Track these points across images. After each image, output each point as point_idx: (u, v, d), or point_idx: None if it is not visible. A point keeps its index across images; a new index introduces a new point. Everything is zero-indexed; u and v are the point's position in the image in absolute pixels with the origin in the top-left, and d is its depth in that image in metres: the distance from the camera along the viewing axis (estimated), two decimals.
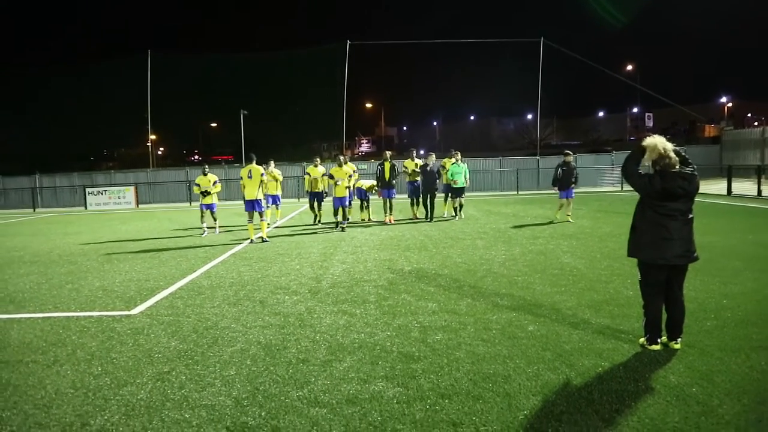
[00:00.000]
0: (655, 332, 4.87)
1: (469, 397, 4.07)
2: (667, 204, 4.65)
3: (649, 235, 4.75)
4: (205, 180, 14.10)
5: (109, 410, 4.08)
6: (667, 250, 4.67)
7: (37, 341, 5.77)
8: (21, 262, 11.08)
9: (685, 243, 4.70)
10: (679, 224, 4.68)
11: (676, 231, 4.66)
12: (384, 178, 15.33)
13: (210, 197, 14.06)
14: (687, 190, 4.63)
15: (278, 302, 6.99)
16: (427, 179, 15.25)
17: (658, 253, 4.70)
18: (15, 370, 4.97)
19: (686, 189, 4.63)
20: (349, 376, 4.55)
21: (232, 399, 4.19)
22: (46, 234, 16.48)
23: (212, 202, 14.17)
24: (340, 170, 14.21)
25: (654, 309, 4.85)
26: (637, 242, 4.86)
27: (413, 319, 6.05)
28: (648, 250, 4.76)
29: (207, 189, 13.97)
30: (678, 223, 4.67)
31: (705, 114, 58.37)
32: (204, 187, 14.05)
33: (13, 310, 7.12)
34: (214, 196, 14.19)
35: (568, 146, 60.32)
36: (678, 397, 3.96)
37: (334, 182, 14.03)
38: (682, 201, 4.68)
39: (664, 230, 4.67)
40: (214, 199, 14.19)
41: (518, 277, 7.96)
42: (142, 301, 7.30)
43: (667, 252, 4.67)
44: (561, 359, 4.74)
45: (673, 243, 4.66)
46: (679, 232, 4.67)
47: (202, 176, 14.23)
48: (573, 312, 6.11)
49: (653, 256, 4.73)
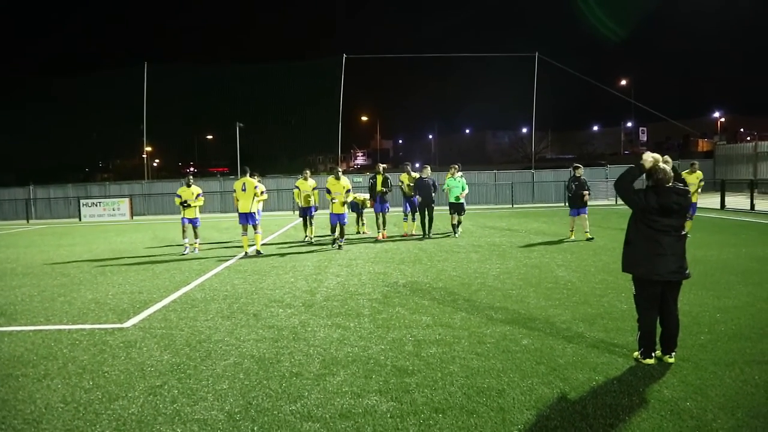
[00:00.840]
0: (650, 346, 4.87)
1: (463, 412, 4.05)
2: (661, 219, 4.68)
3: (642, 251, 4.78)
4: (188, 192, 13.17)
5: (100, 425, 4.03)
6: (660, 266, 4.70)
7: (28, 354, 5.71)
8: (13, 274, 11.00)
9: (678, 259, 4.73)
10: (673, 240, 4.71)
11: (669, 247, 4.69)
12: (375, 191, 14.56)
13: (192, 210, 13.10)
14: (682, 205, 4.68)
15: (272, 315, 6.96)
16: (423, 193, 14.35)
17: (652, 268, 4.72)
18: (4, 384, 4.91)
19: (681, 204, 4.67)
20: (342, 390, 4.52)
21: (224, 413, 4.15)
22: (39, 246, 16.38)
23: (196, 216, 13.24)
24: (337, 183, 13.02)
25: (648, 323, 4.85)
26: (631, 257, 4.88)
27: (407, 332, 6.03)
28: (642, 266, 4.79)
29: (188, 201, 13.02)
30: (671, 239, 4.70)
31: (698, 128, 58.93)
32: (185, 198, 13.12)
33: (4, 323, 7.06)
34: (197, 210, 13.25)
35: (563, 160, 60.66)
36: (672, 411, 3.95)
37: (331, 198, 13.00)
38: (675, 217, 4.72)
39: (658, 246, 4.69)
40: (197, 213, 13.27)
41: (513, 290, 7.96)
42: (135, 314, 7.25)
43: (661, 268, 4.70)
44: (555, 373, 4.73)
45: (667, 259, 4.69)
46: (673, 248, 4.70)
47: (185, 187, 13.29)
48: (567, 326, 6.10)
49: (647, 271, 4.75)
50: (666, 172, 4.69)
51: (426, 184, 14.40)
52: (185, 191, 13.14)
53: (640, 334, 4.91)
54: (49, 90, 41.79)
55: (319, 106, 37.45)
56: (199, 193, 13.27)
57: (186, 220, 13.22)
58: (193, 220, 13.21)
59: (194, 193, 13.12)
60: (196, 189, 13.24)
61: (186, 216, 13.17)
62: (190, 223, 13.23)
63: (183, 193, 13.13)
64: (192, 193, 13.10)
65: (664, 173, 4.69)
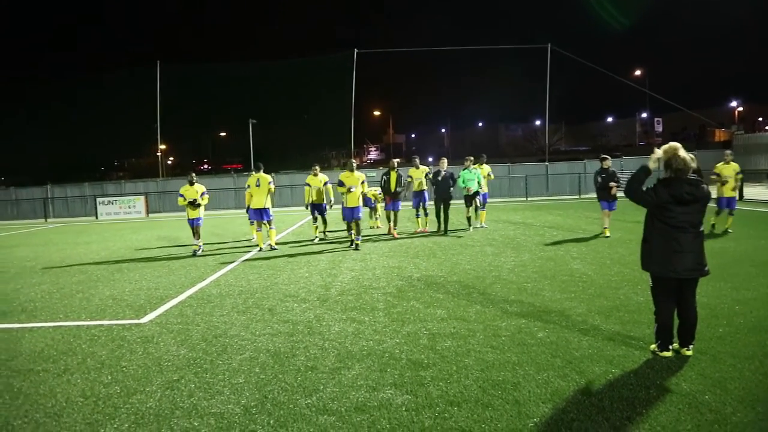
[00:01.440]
0: (667, 339, 4.82)
1: (478, 405, 4.04)
2: (676, 212, 4.60)
3: (660, 248, 4.72)
4: (192, 190, 12.45)
5: (119, 419, 4.09)
6: (678, 263, 4.64)
7: (48, 350, 5.81)
8: (33, 271, 11.18)
9: (696, 256, 4.66)
10: (690, 237, 4.64)
11: (687, 244, 4.62)
12: (389, 189, 13.61)
13: (197, 210, 12.44)
14: (695, 195, 4.58)
15: (287, 310, 7.00)
16: (439, 188, 13.61)
17: (670, 266, 4.66)
18: (26, 379, 5.00)
19: (694, 194, 4.58)
20: (357, 383, 4.54)
21: (240, 407, 4.19)
22: (57, 244, 16.62)
23: (199, 216, 12.51)
24: (351, 176, 12.19)
25: (665, 315, 4.80)
26: (649, 255, 4.82)
27: (422, 326, 6.03)
28: (659, 264, 4.73)
29: (195, 200, 12.35)
30: (689, 236, 4.63)
31: (715, 118, 58.05)
32: (190, 198, 12.41)
33: (25, 320, 7.18)
34: (201, 209, 12.58)
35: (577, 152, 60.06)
36: (690, 404, 3.91)
37: (346, 190, 12.08)
38: (693, 212, 4.63)
39: (675, 243, 4.63)
40: (200, 213, 12.56)
41: (527, 283, 7.92)
42: (151, 310, 7.33)
43: (678, 265, 4.64)
44: (571, 366, 4.70)
45: (684, 256, 4.62)
46: (690, 245, 4.63)
47: (188, 186, 12.54)
48: (583, 318, 6.06)
49: (664, 269, 4.70)
50: (685, 161, 4.61)
51: (443, 179, 13.66)
52: (188, 190, 12.49)
53: (656, 326, 4.86)
54: (65, 91, 42.28)
55: (331, 101, 37.55)
56: (204, 191, 12.62)
57: (191, 222, 12.60)
58: (195, 219, 12.53)
59: (198, 191, 12.46)
60: (199, 187, 12.60)
61: (191, 216, 12.53)
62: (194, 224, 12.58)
63: (186, 192, 12.47)
64: (196, 191, 12.45)
65: (683, 163, 4.61)
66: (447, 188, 13.63)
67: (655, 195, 4.66)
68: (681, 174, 4.62)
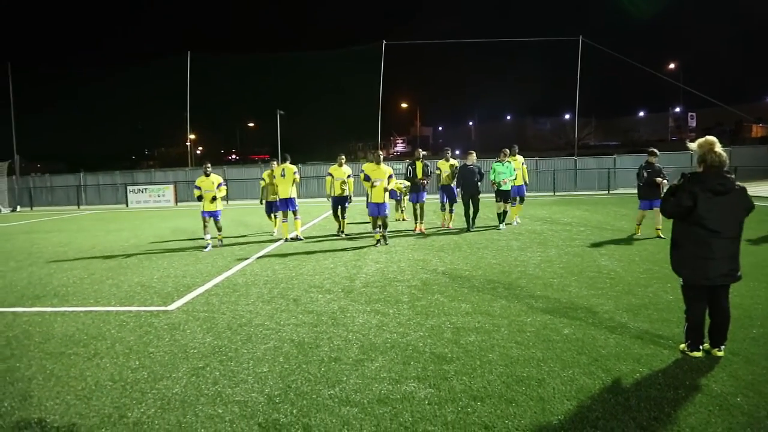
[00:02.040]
0: (697, 338, 4.70)
1: (501, 400, 4.00)
2: (710, 213, 4.42)
3: (691, 254, 4.58)
4: (208, 182, 11.78)
5: (146, 403, 4.17)
6: (710, 270, 4.50)
7: (79, 334, 5.95)
8: (66, 257, 11.46)
9: (730, 262, 4.51)
10: (724, 243, 4.47)
11: (720, 250, 4.47)
12: (415, 179, 13.20)
13: (215, 203, 11.76)
14: (726, 186, 4.41)
15: (312, 300, 7.04)
16: (467, 181, 12.95)
17: (701, 273, 4.54)
18: (58, 362, 5.13)
19: (725, 185, 4.40)
20: (380, 375, 4.54)
21: (264, 396, 4.23)
22: (89, 230, 17.01)
23: (217, 209, 11.85)
24: (378, 169, 11.40)
25: (696, 314, 4.68)
26: (680, 259, 4.69)
27: (446, 319, 6.00)
28: (691, 269, 4.60)
29: (210, 192, 11.68)
30: (724, 242, 4.47)
31: (752, 113, 56.33)
32: (206, 190, 11.76)
33: (57, 304, 7.36)
34: (219, 202, 11.95)
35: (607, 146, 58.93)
36: (721, 406, 3.81)
37: (371, 184, 11.36)
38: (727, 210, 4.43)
39: (708, 249, 4.48)
40: (219, 205, 11.91)
41: (554, 279, 7.81)
42: (179, 297, 7.45)
43: (710, 272, 4.51)
44: (597, 364, 4.63)
45: (717, 263, 4.48)
46: (723, 251, 4.48)
47: (204, 177, 11.87)
48: (610, 316, 5.96)
49: (696, 275, 4.57)
50: (721, 157, 4.46)
51: (470, 172, 12.98)
52: (204, 181, 11.78)
53: (687, 325, 4.74)
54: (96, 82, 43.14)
55: (359, 93, 37.53)
56: (221, 182, 11.98)
57: (206, 214, 11.87)
58: (213, 213, 11.87)
59: (214, 182, 11.80)
60: (216, 178, 11.95)
61: (206, 209, 11.81)
62: (210, 217, 11.87)
63: (202, 184, 11.77)
64: (212, 182, 11.77)
65: (719, 158, 4.45)
66: (474, 183, 12.96)
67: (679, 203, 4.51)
68: (716, 170, 4.47)
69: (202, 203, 11.90)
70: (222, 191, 11.98)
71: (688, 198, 4.47)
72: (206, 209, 11.86)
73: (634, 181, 12.35)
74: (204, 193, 11.71)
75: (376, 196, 11.33)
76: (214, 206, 11.81)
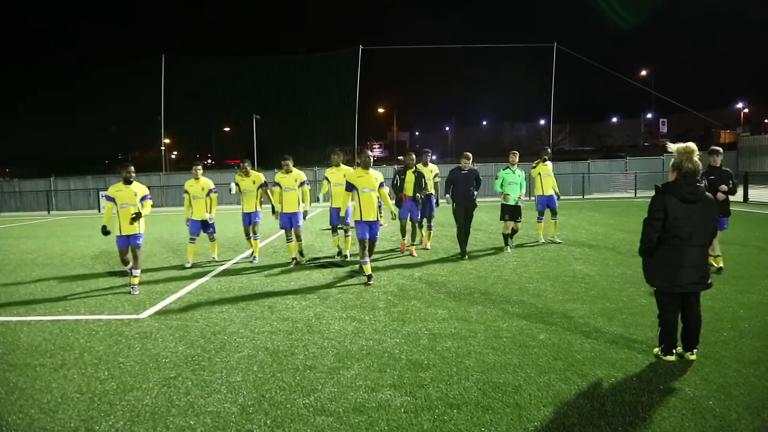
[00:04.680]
0: (671, 343, 4.75)
1: (478, 408, 3.98)
2: (683, 221, 4.47)
3: (663, 262, 4.61)
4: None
5: (114, 416, 4.05)
6: (681, 278, 4.56)
7: (46, 344, 5.77)
8: (34, 264, 11.15)
9: (700, 269, 4.58)
10: (695, 250, 4.54)
11: (690, 258, 4.53)
12: (401, 191, 10.29)
13: (135, 224, 8.47)
14: (696, 194, 4.47)
15: (287, 308, 6.95)
16: (459, 190, 10.07)
17: (674, 281, 4.58)
18: (22, 374, 4.96)
19: (696, 194, 4.47)
20: (356, 383, 4.48)
21: (237, 406, 4.14)
22: (59, 236, 16.61)
23: (138, 232, 8.61)
24: (365, 175, 8.27)
25: (670, 319, 4.73)
26: (653, 269, 4.71)
27: (423, 326, 5.98)
28: (663, 279, 4.63)
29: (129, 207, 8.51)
30: (693, 250, 4.53)
31: (721, 120, 57.78)
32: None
33: (24, 313, 7.14)
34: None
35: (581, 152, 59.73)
36: (694, 410, 3.85)
37: (356, 194, 8.23)
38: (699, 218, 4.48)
39: (679, 257, 4.53)
40: (140, 228, 8.60)
41: (529, 284, 7.85)
42: (151, 305, 7.29)
43: (681, 280, 4.56)
44: (573, 369, 4.64)
45: (687, 270, 4.54)
46: (694, 260, 4.54)
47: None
48: (585, 320, 5.99)
49: (669, 284, 4.61)
50: (697, 165, 4.51)
51: (464, 178, 10.08)
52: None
53: (660, 330, 4.79)
54: (69, 84, 42.28)
55: (335, 97, 37.44)
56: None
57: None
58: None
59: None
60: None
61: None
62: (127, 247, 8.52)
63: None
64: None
65: (695, 166, 4.50)
66: (468, 192, 10.05)
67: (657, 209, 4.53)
68: (690, 178, 4.51)
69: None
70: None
71: (659, 211, 4.52)
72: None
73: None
74: (120, 208, 8.51)
75: (366, 213, 8.22)
76: (134, 228, 8.44)
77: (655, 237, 4.59)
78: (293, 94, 40.58)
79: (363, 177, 8.27)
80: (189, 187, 10.24)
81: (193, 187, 10.19)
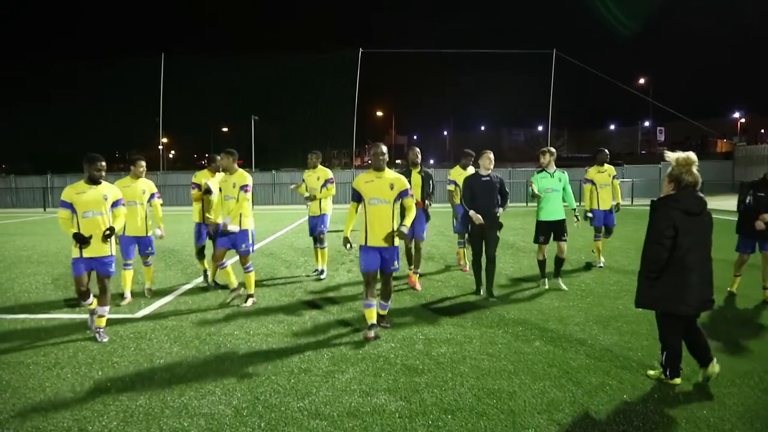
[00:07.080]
0: (677, 365, 4.41)
1: (472, 414, 3.98)
2: (687, 234, 4.20)
3: (670, 283, 4.25)
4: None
5: (108, 416, 4.03)
6: (691, 296, 4.21)
7: (40, 342, 5.74)
8: (29, 261, 11.11)
9: (708, 287, 4.30)
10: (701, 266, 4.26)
11: (697, 275, 4.23)
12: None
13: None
14: (700, 206, 4.26)
15: (283, 309, 6.93)
16: (482, 202, 7.34)
17: (682, 301, 4.22)
18: (15, 372, 4.94)
19: (700, 205, 4.26)
20: (351, 387, 4.47)
21: (231, 408, 4.13)
22: (55, 234, 16.53)
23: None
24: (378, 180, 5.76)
25: (677, 342, 4.41)
26: (657, 292, 4.31)
27: (418, 330, 5.97)
28: (669, 300, 4.26)
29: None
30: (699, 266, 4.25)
31: (718, 129, 58.04)
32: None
33: (18, 311, 7.11)
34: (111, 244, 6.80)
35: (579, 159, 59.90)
36: (688, 419, 3.85)
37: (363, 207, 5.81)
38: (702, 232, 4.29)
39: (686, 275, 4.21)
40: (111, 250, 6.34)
41: (525, 290, 7.85)
42: (146, 305, 7.27)
43: (691, 299, 4.22)
44: (568, 376, 4.64)
45: (696, 289, 4.22)
46: (701, 276, 4.25)
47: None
48: (581, 328, 6.00)
49: (676, 306, 4.25)
50: (697, 177, 4.27)
51: (486, 186, 7.47)
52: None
53: (666, 354, 4.42)
54: (67, 81, 42.19)
55: (334, 100, 37.44)
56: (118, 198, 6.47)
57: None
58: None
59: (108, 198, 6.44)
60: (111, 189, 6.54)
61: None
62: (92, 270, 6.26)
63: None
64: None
65: (695, 178, 4.27)
66: (488, 203, 7.37)
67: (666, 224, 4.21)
68: (691, 190, 4.29)
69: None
70: (119, 217, 6.41)
71: (668, 228, 4.21)
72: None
73: None
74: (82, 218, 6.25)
75: (374, 234, 5.71)
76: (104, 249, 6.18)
77: (666, 256, 4.21)
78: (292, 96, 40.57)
79: (372, 183, 5.75)
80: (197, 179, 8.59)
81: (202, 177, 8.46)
